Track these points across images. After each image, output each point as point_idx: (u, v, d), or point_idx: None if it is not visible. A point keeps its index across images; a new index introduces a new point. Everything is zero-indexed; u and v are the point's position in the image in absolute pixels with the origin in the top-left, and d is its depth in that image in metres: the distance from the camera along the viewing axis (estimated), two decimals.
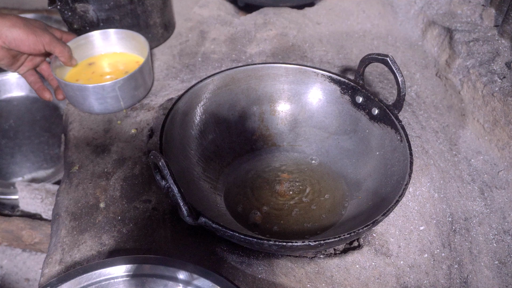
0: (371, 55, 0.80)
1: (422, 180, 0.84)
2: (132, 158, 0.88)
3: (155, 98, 1.02)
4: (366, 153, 0.83)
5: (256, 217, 0.78)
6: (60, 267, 0.72)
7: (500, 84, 0.92)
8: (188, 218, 0.62)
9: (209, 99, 0.86)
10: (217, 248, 0.73)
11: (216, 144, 0.86)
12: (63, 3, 0.97)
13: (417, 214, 0.80)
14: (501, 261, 0.78)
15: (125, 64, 1.04)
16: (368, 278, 0.71)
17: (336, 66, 1.12)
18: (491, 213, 0.84)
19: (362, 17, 1.27)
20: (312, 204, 0.81)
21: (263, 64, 0.89)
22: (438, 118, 0.99)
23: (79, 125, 0.96)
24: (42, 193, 1.29)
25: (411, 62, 1.14)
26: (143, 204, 0.80)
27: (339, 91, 0.87)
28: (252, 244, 0.63)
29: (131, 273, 0.63)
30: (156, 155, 0.60)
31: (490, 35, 1.04)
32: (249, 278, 0.70)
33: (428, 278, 0.73)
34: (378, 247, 0.75)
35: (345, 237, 0.62)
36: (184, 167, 0.78)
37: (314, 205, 0.80)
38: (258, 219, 0.78)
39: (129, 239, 0.75)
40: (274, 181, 0.84)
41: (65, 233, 0.77)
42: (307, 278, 0.70)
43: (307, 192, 0.83)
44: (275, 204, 0.81)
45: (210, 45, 1.19)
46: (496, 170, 0.91)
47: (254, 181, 0.85)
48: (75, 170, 0.87)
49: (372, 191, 0.77)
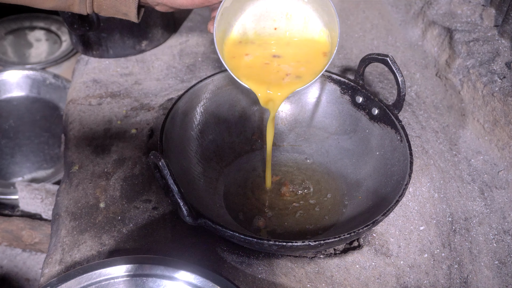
0: (371, 55, 0.80)
1: (422, 180, 0.84)
2: (132, 158, 0.88)
3: (155, 98, 1.02)
4: (366, 153, 0.83)
5: (259, 222, 0.78)
6: (60, 267, 0.72)
7: (500, 84, 0.92)
8: (188, 218, 0.62)
9: (209, 99, 0.86)
10: (217, 248, 0.73)
11: (216, 144, 0.86)
12: None
13: (417, 214, 0.80)
14: (501, 261, 0.78)
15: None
16: (368, 278, 0.71)
17: (336, 66, 1.12)
18: (491, 213, 0.84)
19: (362, 17, 1.27)
20: (316, 206, 0.81)
21: None
22: (438, 118, 0.99)
23: (79, 125, 0.96)
24: (42, 193, 1.29)
25: (411, 62, 1.14)
26: (143, 204, 0.80)
27: (339, 91, 0.87)
28: (252, 244, 0.63)
29: (131, 273, 0.63)
30: (156, 155, 0.60)
31: (490, 35, 1.04)
32: (249, 278, 0.70)
33: (428, 278, 0.73)
34: (378, 247, 0.75)
35: (345, 237, 0.62)
36: (184, 167, 0.78)
37: (318, 207, 0.80)
38: (261, 224, 0.78)
39: (129, 239, 0.75)
40: (275, 182, 0.84)
41: (65, 233, 0.77)
42: (307, 278, 0.70)
43: (307, 191, 0.83)
44: (276, 205, 0.81)
45: (210, 45, 1.19)
46: (496, 170, 0.91)
47: (254, 181, 0.84)
48: (75, 170, 0.87)
49: (372, 191, 0.77)
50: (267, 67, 0.74)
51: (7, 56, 1.69)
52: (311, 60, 0.74)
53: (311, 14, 0.73)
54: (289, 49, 0.74)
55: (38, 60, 1.67)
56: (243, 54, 0.74)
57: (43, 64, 1.61)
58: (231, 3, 0.68)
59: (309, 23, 0.74)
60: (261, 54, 0.74)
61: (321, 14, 0.73)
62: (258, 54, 0.74)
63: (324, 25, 0.74)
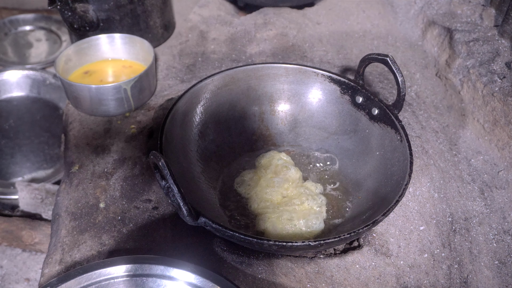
0: (371, 55, 0.80)
1: (422, 180, 0.84)
2: (132, 158, 0.88)
3: (155, 98, 1.02)
4: (366, 153, 0.83)
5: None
6: (60, 267, 0.72)
7: (500, 84, 0.92)
8: (188, 218, 0.62)
9: (209, 99, 0.86)
10: (217, 248, 0.73)
11: (216, 144, 0.86)
12: (63, 3, 0.97)
13: (417, 214, 0.80)
14: (501, 261, 0.78)
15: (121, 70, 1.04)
16: (368, 278, 0.71)
17: (336, 66, 1.12)
18: (491, 213, 0.84)
19: (362, 17, 1.27)
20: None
21: (263, 64, 0.89)
22: (438, 118, 0.99)
23: (79, 125, 0.96)
24: (42, 193, 1.29)
25: (411, 62, 1.14)
26: (143, 204, 0.80)
27: (339, 91, 0.87)
28: (252, 244, 0.63)
29: (131, 273, 0.63)
30: (156, 155, 0.60)
31: (490, 35, 1.04)
32: (249, 278, 0.70)
33: (428, 278, 0.73)
34: (378, 247, 0.75)
35: (345, 237, 0.62)
36: (184, 167, 0.78)
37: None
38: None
39: (129, 239, 0.75)
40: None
41: (65, 233, 0.77)
42: (307, 278, 0.70)
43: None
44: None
45: (210, 45, 1.19)
46: (496, 170, 0.91)
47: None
48: (75, 170, 0.87)
49: (372, 191, 0.77)
50: None
51: (7, 56, 1.69)
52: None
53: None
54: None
55: (38, 60, 1.67)
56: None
57: (43, 64, 1.61)
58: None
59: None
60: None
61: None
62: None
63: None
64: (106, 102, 0.93)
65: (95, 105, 0.94)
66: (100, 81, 1.01)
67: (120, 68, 1.04)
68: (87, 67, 1.03)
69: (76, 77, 1.01)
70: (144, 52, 1.03)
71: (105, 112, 0.95)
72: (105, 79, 1.02)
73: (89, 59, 1.04)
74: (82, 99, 0.94)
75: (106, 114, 0.96)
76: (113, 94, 0.92)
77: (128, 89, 0.93)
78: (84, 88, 0.92)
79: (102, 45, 1.04)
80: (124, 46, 1.04)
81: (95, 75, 1.02)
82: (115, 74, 1.03)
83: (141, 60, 1.04)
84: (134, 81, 0.93)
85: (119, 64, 1.05)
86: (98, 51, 1.04)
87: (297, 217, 0.74)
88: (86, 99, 0.94)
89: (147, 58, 1.02)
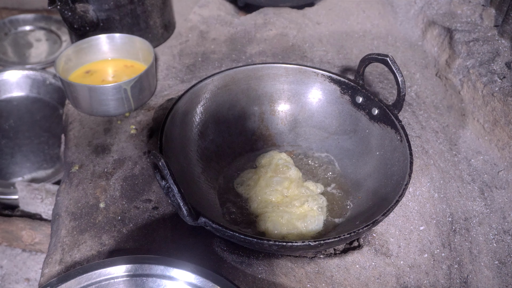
0: (371, 55, 0.80)
1: (422, 180, 0.84)
2: (132, 158, 0.88)
3: (155, 98, 1.02)
4: (366, 153, 0.83)
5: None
6: (60, 267, 0.72)
7: (500, 84, 0.92)
8: (188, 218, 0.62)
9: (209, 99, 0.86)
10: (217, 248, 0.73)
11: (216, 144, 0.86)
12: (63, 3, 0.97)
13: (417, 214, 0.80)
14: (501, 261, 0.78)
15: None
16: (368, 278, 0.71)
17: (336, 66, 1.12)
18: (491, 213, 0.84)
19: (362, 17, 1.27)
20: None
21: (263, 64, 0.89)
22: (438, 118, 0.99)
23: (79, 125, 0.96)
24: (42, 193, 1.29)
25: (411, 62, 1.14)
26: (143, 204, 0.80)
27: (339, 91, 0.87)
28: (252, 244, 0.63)
29: (131, 273, 0.63)
30: (156, 155, 0.60)
31: (490, 35, 1.04)
32: (249, 278, 0.70)
33: (428, 278, 0.73)
34: (378, 247, 0.75)
35: (345, 237, 0.62)
36: (184, 167, 0.78)
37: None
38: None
39: (129, 239, 0.75)
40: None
41: (65, 233, 0.77)
42: (307, 278, 0.70)
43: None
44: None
45: (210, 45, 1.19)
46: (496, 170, 0.91)
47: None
48: (75, 170, 0.87)
49: (372, 191, 0.77)
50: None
51: (7, 56, 1.69)
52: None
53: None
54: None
55: (38, 60, 1.67)
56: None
57: (43, 64, 1.61)
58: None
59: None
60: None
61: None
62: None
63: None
64: (106, 102, 0.93)
65: (95, 105, 0.94)
66: (101, 81, 1.01)
67: (121, 68, 1.04)
68: (87, 66, 1.04)
69: (77, 77, 1.01)
70: (144, 52, 1.03)
71: (105, 112, 0.95)
72: (107, 79, 1.02)
73: (89, 59, 1.04)
74: (82, 99, 0.94)
75: (106, 114, 0.96)
76: (113, 94, 0.92)
77: (128, 89, 0.93)
78: (84, 88, 0.92)
79: (102, 45, 1.04)
80: (124, 46, 1.04)
81: (97, 75, 1.02)
82: (116, 74, 1.03)
83: (141, 60, 1.04)
84: (134, 81, 0.93)
85: (119, 64, 1.05)
86: (98, 51, 1.04)
87: (297, 217, 0.74)
88: (86, 99, 0.94)
89: (147, 58, 1.02)
